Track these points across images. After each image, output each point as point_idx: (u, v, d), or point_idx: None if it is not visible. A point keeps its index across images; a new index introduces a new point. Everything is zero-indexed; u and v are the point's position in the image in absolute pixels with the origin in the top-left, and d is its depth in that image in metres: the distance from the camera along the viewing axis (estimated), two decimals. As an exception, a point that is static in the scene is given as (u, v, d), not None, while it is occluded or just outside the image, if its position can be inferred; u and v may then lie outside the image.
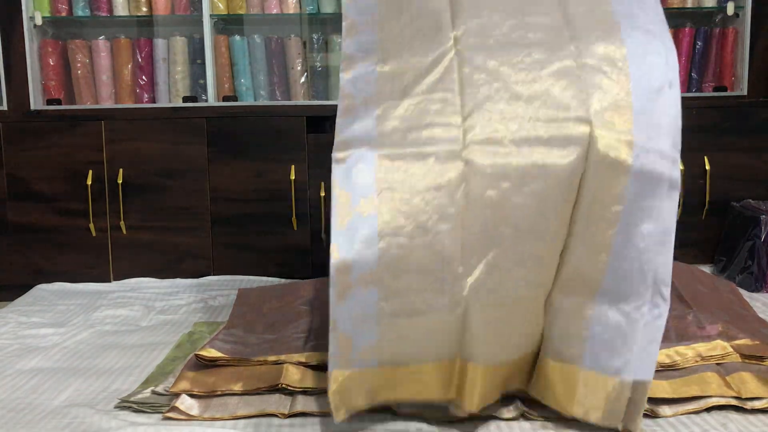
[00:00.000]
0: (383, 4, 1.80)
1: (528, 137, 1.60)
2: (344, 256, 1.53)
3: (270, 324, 2.16)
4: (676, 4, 3.10)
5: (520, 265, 1.57)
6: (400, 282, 1.53)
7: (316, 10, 3.13)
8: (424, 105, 1.64)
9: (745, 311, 2.27)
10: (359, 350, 1.55)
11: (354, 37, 1.75)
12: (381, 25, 1.77)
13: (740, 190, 3.00)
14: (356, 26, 1.77)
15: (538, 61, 1.69)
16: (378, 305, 1.53)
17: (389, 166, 1.57)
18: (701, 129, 2.98)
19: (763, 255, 2.66)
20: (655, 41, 1.81)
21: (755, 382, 1.70)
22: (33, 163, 3.00)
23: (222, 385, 1.74)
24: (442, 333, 1.56)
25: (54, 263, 3.04)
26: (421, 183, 1.55)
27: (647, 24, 1.85)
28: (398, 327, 1.55)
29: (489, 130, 1.60)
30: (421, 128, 1.61)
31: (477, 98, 1.64)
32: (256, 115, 2.99)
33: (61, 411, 1.72)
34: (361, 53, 1.71)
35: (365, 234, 1.53)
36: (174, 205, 3.02)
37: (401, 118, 1.63)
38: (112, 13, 3.12)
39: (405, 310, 1.54)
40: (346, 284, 1.54)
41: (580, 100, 1.66)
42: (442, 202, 1.54)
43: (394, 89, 1.67)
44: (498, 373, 1.61)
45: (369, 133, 1.62)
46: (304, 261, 3.03)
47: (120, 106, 3.09)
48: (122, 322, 2.47)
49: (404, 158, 1.58)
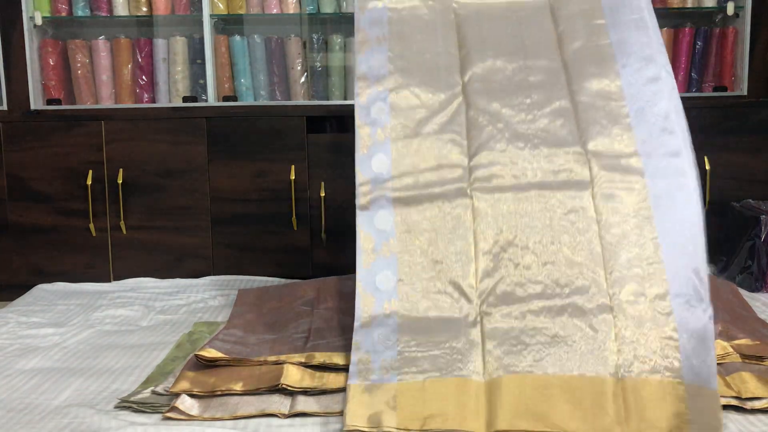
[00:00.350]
0: (394, 24, 1.95)
1: (526, 173, 1.81)
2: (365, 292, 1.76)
3: (270, 324, 2.17)
4: (676, 4, 3.09)
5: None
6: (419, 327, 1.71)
7: (316, 10, 3.13)
8: (434, 145, 1.84)
9: (745, 311, 2.27)
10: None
11: (366, 54, 1.90)
12: (392, 47, 1.93)
13: (740, 190, 3.00)
14: (369, 41, 1.91)
15: (537, 102, 1.87)
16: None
17: (405, 210, 1.79)
18: (701, 129, 2.98)
19: (763, 255, 2.66)
20: (651, 66, 1.91)
21: (755, 382, 1.70)
22: (33, 163, 3.00)
23: (222, 385, 1.74)
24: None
25: (54, 263, 3.04)
26: (434, 222, 1.77)
27: (644, 48, 1.93)
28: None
29: (492, 168, 1.82)
30: (432, 170, 1.82)
31: (481, 138, 1.85)
32: (256, 115, 2.99)
33: (61, 411, 1.72)
34: (372, 77, 1.89)
35: (387, 274, 1.76)
36: (174, 205, 3.02)
37: (413, 160, 1.83)
38: (112, 13, 3.12)
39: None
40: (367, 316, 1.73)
41: (576, 136, 1.83)
42: (453, 236, 1.76)
43: (406, 124, 1.87)
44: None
45: (386, 174, 1.83)
46: (304, 261, 3.03)
47: (120, 106, 3.09)
48: (122, 322, 2.47)
49: (419, 201, 1.80)
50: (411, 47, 1.97)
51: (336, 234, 2.97)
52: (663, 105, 1.87)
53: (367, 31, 1.97)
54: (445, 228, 1.78)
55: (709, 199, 2.98)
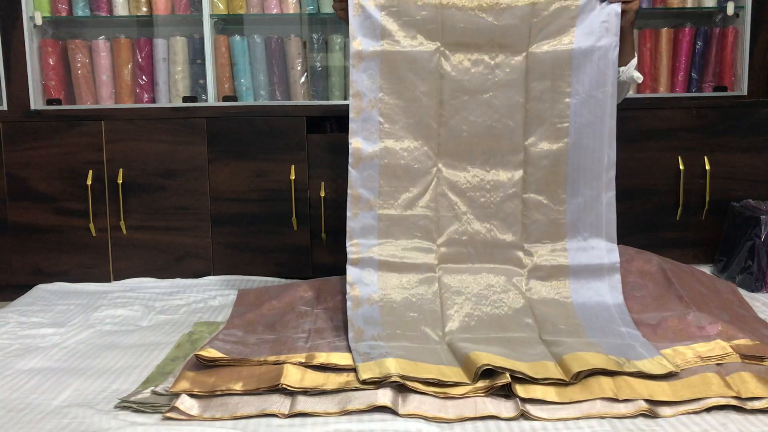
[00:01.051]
0: (385, 76, 2.15)
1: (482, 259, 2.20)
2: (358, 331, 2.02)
3: (270, 324, 2.17)
4: (676, 4, 3.09)
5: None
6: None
7: (316, 10, 3.13)
8: (412, 228, 2.17)
9: (745, 311, 2.27)
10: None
11: (359, 114, 2.16)
12: (383, 113, 2.17)
13: (740, 190, 3.00)
14: (361, 99, 2.16)
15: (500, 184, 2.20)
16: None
17: (387, 275, 2.13)
18: (701, 129, 2.98)
19: (763, 255, 2.66)
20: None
21: (755, 382, 1.70)
22: (33, 163, 3.00)
23: (222, 385, 1.74)
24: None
25: (54, 263, 3.04)
26: (409, 288, 2.12)
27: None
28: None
29: (453, 251, 2.18)
30: (409, 249, 2.16)
31: (448, 229, 2.18)
32: (256, 115, 2.99)
33: (61, 411, 1.72)
34: (365, 131, 2.15)
35: (374, 318, 2.05)
36: (174, 205, 3.02)
37: (395, 239, 2.16)
38: (112, 13, 3.12)
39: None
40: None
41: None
42: (423, 300, 2.11)
43: (394, 204, 2.17)
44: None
45: (373, 241, 2.16)
46: (304, 261, 3.03)
47: (120, 106, 3.09)
48: (122, 322, 2.47)
49: (399, 269, 2.15)
50: (403, 111, 2.18)
51: (336, 234, 2.97)
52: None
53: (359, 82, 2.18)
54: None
55: (709, 199, 2.98)
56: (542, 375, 1.72)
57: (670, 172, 2.98)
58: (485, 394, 1.71)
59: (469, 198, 2.18)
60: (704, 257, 3.02)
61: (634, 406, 1.66)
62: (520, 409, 1.65)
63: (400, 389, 1.73)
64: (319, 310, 2.23)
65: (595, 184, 2.15)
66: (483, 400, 1.69)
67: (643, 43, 3.09)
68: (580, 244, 2.16)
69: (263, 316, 2.24)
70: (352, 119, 2.15)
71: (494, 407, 1.67)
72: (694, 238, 3.03)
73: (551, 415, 1.64)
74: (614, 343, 1.91)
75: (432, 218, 2.17)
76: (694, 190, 2.99)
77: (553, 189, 2.17)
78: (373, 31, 2.13)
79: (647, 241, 2.85)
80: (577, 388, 1.71)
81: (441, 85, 2.15)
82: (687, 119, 2.98)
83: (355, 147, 2.15)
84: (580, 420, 1.64)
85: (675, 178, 2.98)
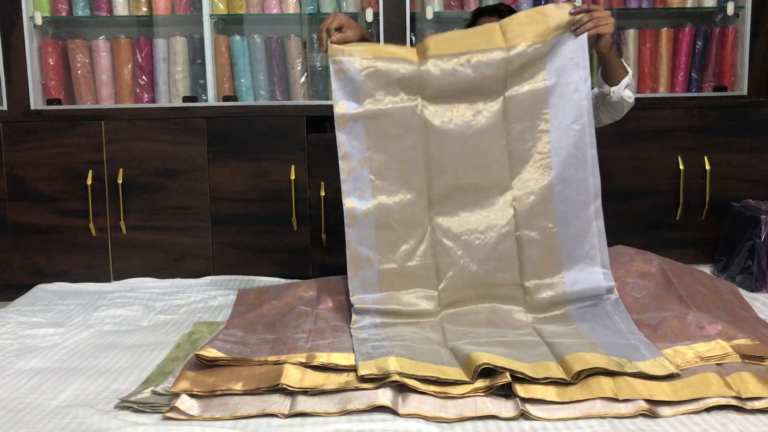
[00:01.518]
0: (371, 137, 2.18)
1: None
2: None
3: (270, 324, 2.17)
4: (676, 4, 3.10)
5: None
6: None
7: (316, 10, 3.13)
8: (412, 278, 2.18)
9: (745, 311, 2.27)
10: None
11: (349, 175, 2.18)
12: (372, 163, 2.19)
13: (740, 190, 3.00)
14: (350, 159, 2.18)
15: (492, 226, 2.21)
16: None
17: (390, 327, 2.12)
18: (701, 129, 2.98)
19: (763, 255, 2.66)
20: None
21: (755, 382, 1.70)
22: (33, 163, 3.00)
23: (222, 385, 1.74)
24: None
25: (54, 263, 3.05)
26: (414, 336, 2.05)
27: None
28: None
29: (454, 295, 2.19)
30: (411, 297, 2.18)
31: (447, 275, 2.20)
32: (256, 115, 2.99)
33: (61, 411, 1.72)
34: (357, 191, 2.17)
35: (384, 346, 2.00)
36: (174, 205, 3.02)
37: (397, 290, 2.17)
38: (112, 13, 3.12)
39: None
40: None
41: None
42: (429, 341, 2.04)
43: (393, 258, 2.18)
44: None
45: (376, 295, 2.17)
46: (304, 261, 3.03)
47: (120, 106, 3.09)
48: (122, 322, 2.47)
49: (403, 316, 2.16)
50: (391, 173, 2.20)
51: (336, 234, 2.97)
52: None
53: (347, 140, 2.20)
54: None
55: (709, 199, 2.99)
56: (543, 375, 1.72)
57: (670, 172, 2.99)
58: (485, 394, 1.71)
59: (464, 242, 2.19)
60: (704, 257, 3.03)
61: (634, 406, 1.66)
62: (520, 408, 1.65)
63: (400, 389, 1.73)
64: (319, 310, 2.23)
65: (583, 215, 2.17)
66: (483, 400, 1.69)
67: (643, 43, 3.09)
68: (577, 275, 2.17)
69: (263, 316, 2.24)
70: (343, 180, 2.18)
71: (494, 407, 1.67)
72: (694, 238, 3.03)
73: (551, 415, 1.64)
74: (616, 343, 1.91)
75: (430, 266, 2.20)
76: (694, 190, 2.99)
77: (544, 223, 2.18)
78: (355, 93, 2.17)
79: (647, 241, 2.85)
80: (577, 388, 1.71)
81: (426, 136, 2.19)
82: (687, 119, 2.99)
83: (349, 207, 2.18)
84: (580, 420, 1.64)
85: (675, 178, 2.98)
